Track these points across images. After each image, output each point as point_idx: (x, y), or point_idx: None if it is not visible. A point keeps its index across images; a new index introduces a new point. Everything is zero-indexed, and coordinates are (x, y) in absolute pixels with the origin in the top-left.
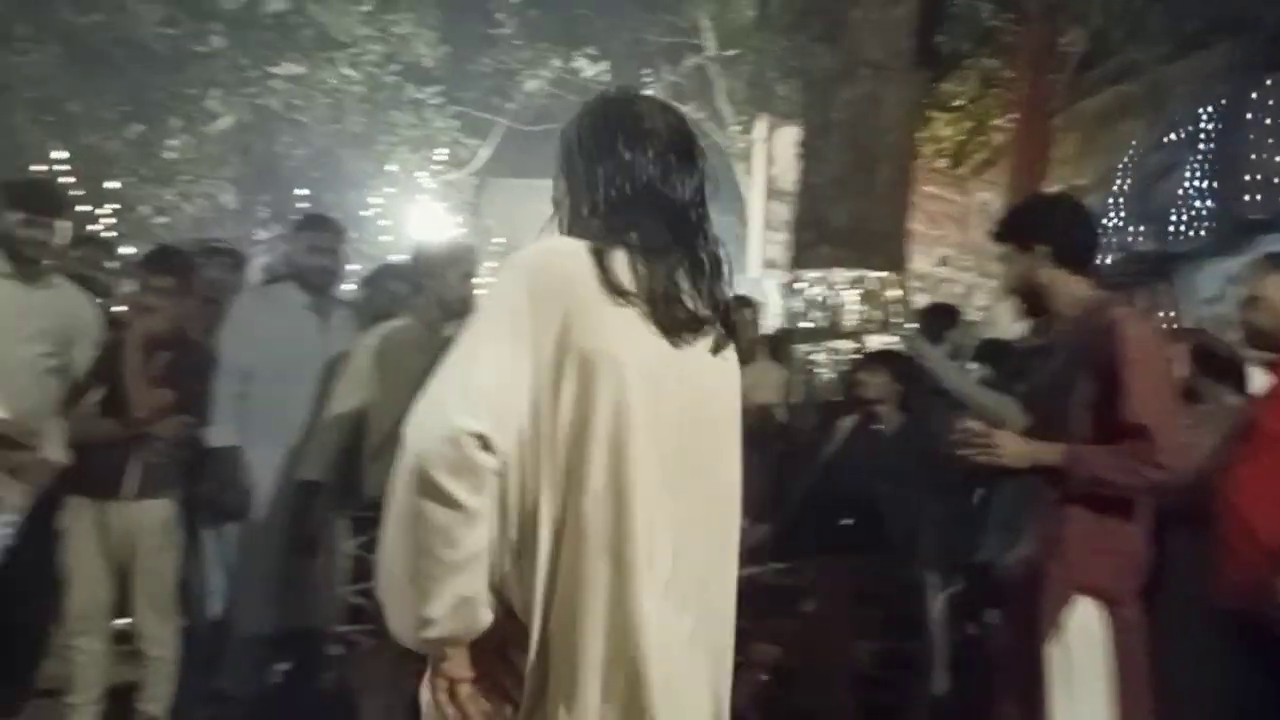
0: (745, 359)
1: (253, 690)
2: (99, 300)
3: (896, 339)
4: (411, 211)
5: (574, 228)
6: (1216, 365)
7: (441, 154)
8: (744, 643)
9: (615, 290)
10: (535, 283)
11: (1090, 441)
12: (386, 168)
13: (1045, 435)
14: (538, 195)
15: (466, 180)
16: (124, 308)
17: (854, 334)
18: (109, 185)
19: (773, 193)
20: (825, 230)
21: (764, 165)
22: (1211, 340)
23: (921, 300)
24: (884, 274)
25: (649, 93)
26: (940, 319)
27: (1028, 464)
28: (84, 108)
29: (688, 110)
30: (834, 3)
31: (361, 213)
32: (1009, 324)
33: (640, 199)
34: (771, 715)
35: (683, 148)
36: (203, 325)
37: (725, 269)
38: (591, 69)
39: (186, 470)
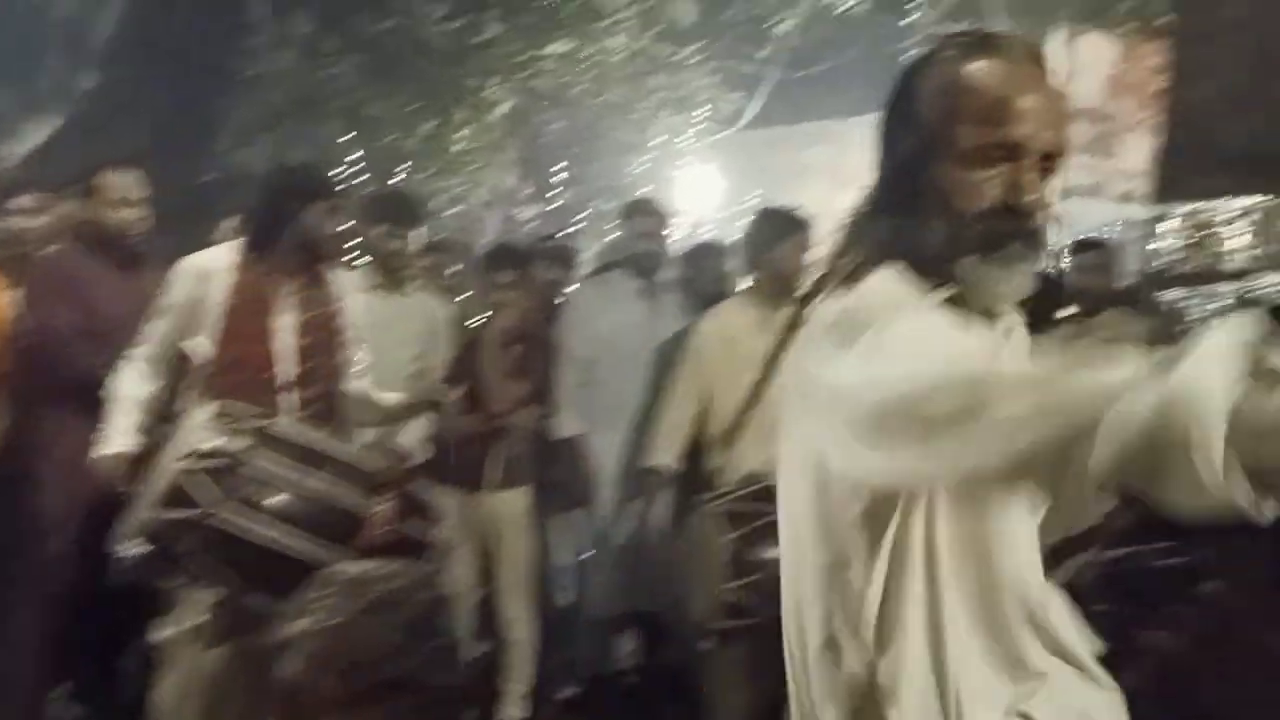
0: (1093, 311)
1: (607, 671)
2: (449, 302)
3: None
4: (677, 176)
5: None
6: None
7: (705, 112)
8: (1130, 630)
9: None
10: None
11: None
12: (649, 135)
13: None
14: (785, 143)
15: (734, 138)
16: (473, 308)
17: (1242, 274)
18: (402, 180)
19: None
20: (1209, 155)
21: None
22: None
23: None
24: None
25: None
26: None
27: None
28: (382, 110)
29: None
30: None
31: (626, 182)
32: None
33: None
34: (1172, 712)
35: None
36: (544, 317)
37: None
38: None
39: (538, 460)
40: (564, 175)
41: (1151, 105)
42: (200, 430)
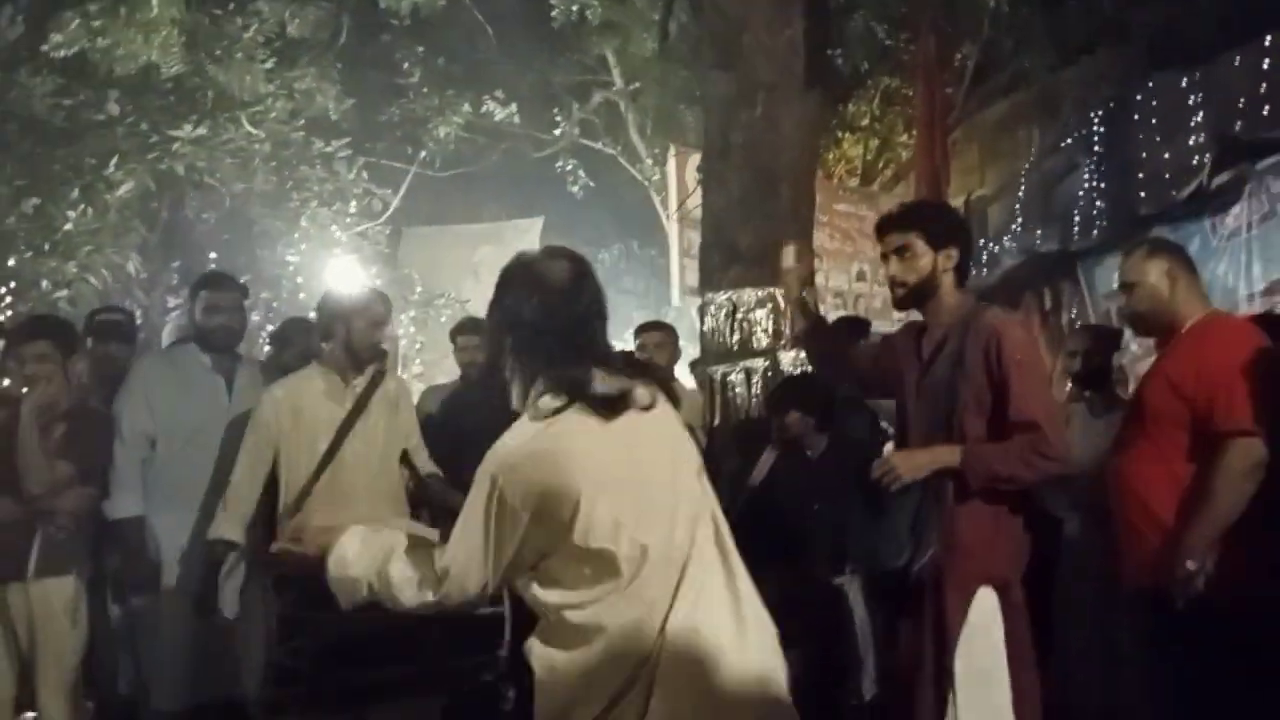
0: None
1: None
2: None
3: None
4: (327, 266)
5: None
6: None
7: (353, 207)
8: None
9: None
10: None
11: (980, 440)
12: (299, 224)
13: (933, 439)
14: (454, 241)
15: (381, 231)
16: (9, 384)
17: (766, 352)
18: (8, 264)
19: (689, 221)
20: (733, 252)
21: (676, 194)
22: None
23: (835, 315)
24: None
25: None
26: (852, 332)
27: (927, 471)
28: None
29: (600, 146)
30: (726, 29)
31: (276, 271)
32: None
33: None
34: None
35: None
36: (103, 395)
37: None
38: (502, 111)
39: (90, 544)
40: (223, 262)
41: None
42: None
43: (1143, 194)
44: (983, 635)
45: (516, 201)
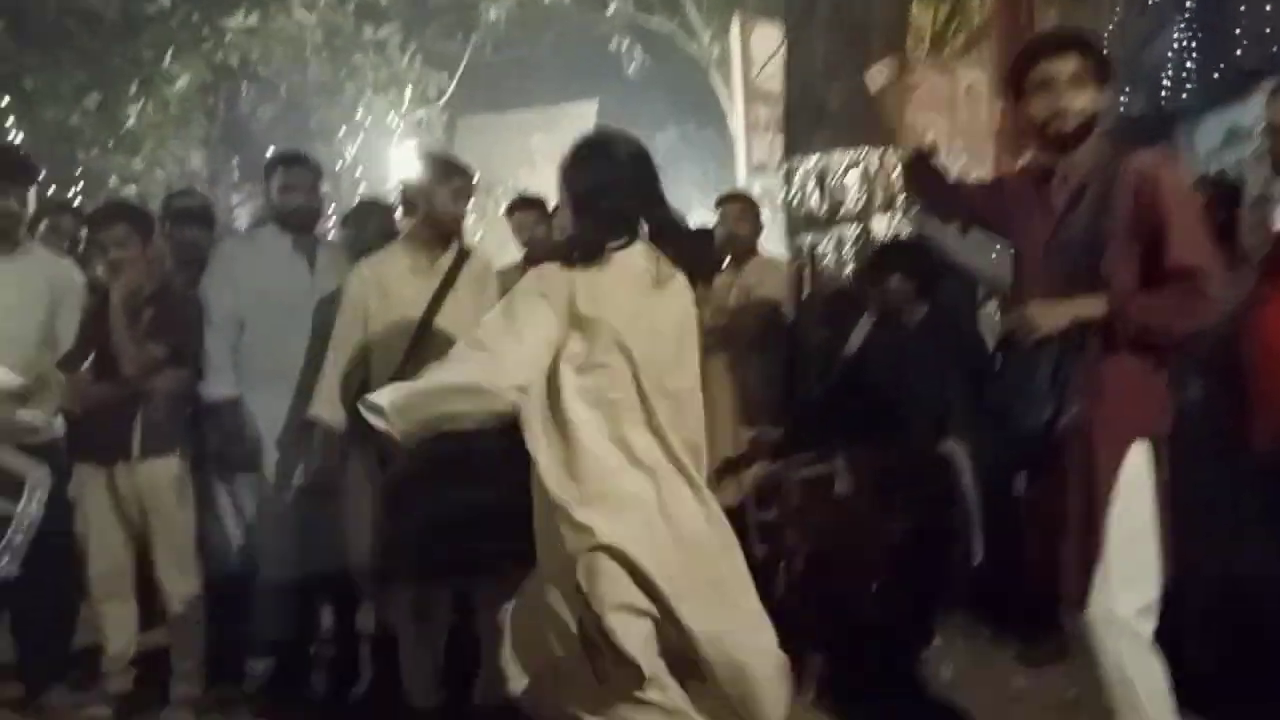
0: (744, 256)
1: (291, 637)
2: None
3: (901, 218)
4: (385, 157)
5: None
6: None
7: (409, 94)
8: (778, 536)
9: None
10: None
11: (1129, 291)
12: (356, 115)
13: (1070, 292)
14: (508, 129)
15: (438, 120)
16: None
17: (858, 218)
18: (76, 161)
19: (754, 95)
20: (820, 114)
21: (742, 68)
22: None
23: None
24: (883, 150)
25: None
26: None
27: (1067, 323)
28: (41, 83)
29: (656, 23)
30: None
31: (335, 165)
32: None
33: None
34: (810, 604)
35: None
36: (184, 279)
37: None
38: None
39: (190, 426)
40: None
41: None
42: None
43: (1244, 49)
44: (1136, 492)
45: (570, 86)
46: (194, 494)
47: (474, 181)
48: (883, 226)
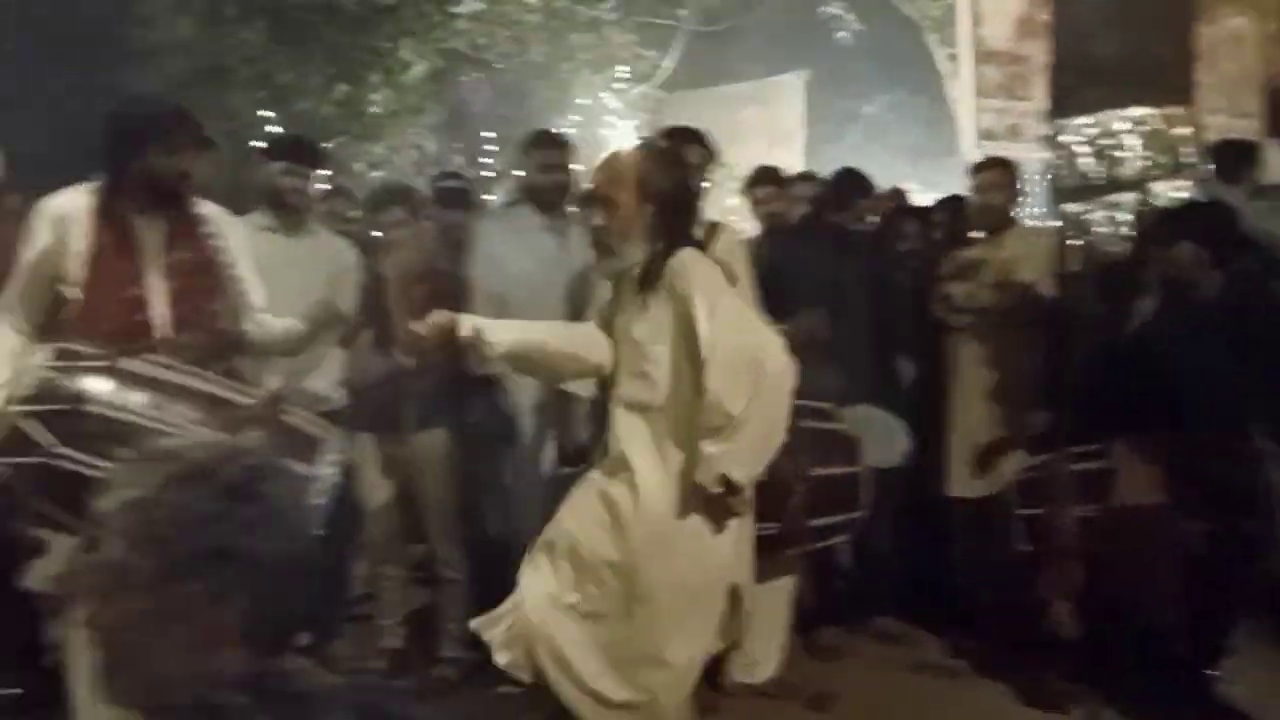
0: (1001, 227)
1: None
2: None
3: (1189, 185)
4: (597, 134)
5: None
6: None
7: (623, 71)
8: (1046, 533)
9: None
10: None
11: None
12: (571, 93)
13: None
14: (717, 104)
15: (651, 96)
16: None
17: (1136, 183)
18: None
19: (984, 56)
20: (1093, 70)
21: (970, 26)
22: None
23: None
24: (1170, 110)
25: None
26: (1237, 157)
27: None
28: (293, 77)
29: None
30: None
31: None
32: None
33: None
34: (1092, 608)
35: None
36: (448, 258)
37: None
38: None
39: (457, 399)
40: (493, 138)
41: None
42: (37, 372)
43: None
44: None
45: (779, 57)
46: (459, 464)
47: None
48: (1166, 191)
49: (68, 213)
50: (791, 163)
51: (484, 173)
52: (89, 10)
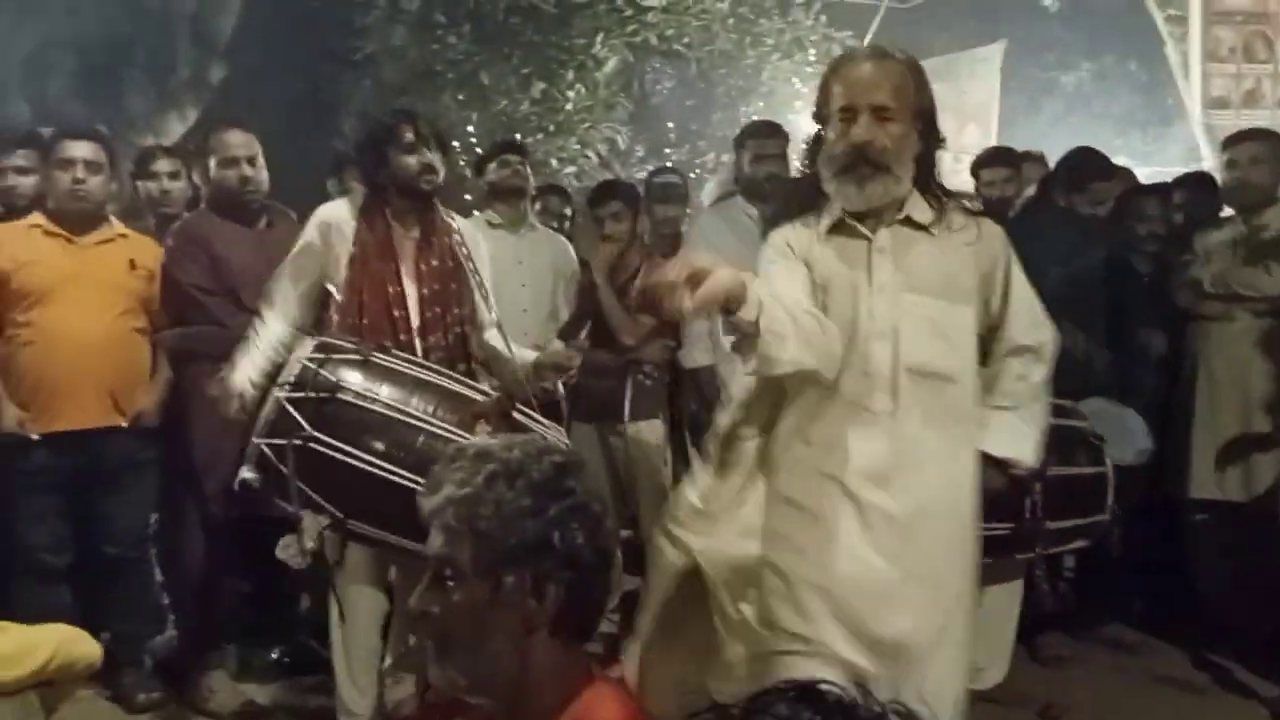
0: (1254, 207)
1: None
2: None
3: None
4: (785, 121)
5: None
6: None
7: (812, 54)
8: None
9: None
10: None
11: None
12: (759, 81)
13: None
14: None
15: None
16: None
17: None
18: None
19: (1214, 17)
20: None
21: None
22: None
23: None
24: None
25: None
26: None
27: None
28: (492, 78)
29: None
30: None
31: (728, 134)
32: None
33: None
34: None
35: None
36: (662, 252)
37: None
38: None
39: (671, 392)
40: (681, 129)
41: None
42: (300, 362)
43: None
44: None
45: (972, 30)
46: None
47: None
48: None
49: (335, 219)
50: (984, 139)
51: (667, 163)
52: (313, 25)
